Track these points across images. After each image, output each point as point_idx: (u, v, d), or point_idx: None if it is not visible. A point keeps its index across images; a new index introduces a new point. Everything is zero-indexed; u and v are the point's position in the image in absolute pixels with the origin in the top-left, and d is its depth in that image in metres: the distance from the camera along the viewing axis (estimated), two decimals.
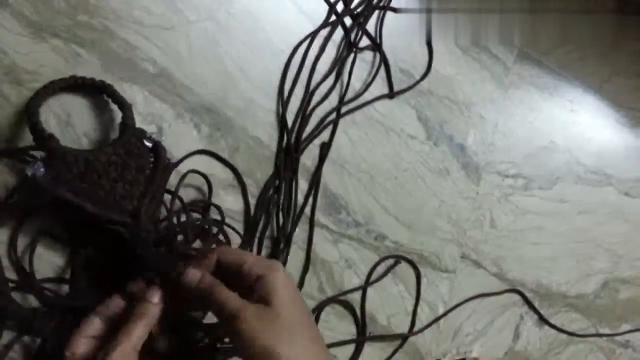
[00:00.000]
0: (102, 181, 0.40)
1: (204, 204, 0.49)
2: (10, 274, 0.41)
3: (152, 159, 0.44)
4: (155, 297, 0.39)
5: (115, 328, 0.37)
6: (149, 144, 0.44)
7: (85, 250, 0.43)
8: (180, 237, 0.46)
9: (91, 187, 0.40)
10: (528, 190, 0.72)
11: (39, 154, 0.40)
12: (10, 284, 0.41)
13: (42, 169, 0.38)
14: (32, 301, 0.42)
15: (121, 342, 0.35)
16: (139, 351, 0.37)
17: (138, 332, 0.36)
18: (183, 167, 0.49)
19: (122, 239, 0.41)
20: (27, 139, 0.42)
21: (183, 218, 0.47)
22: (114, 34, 0.47)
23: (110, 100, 0.45)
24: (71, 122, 0.45)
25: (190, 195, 0.49)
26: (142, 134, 0.44)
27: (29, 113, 0.40)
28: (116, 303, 0.39)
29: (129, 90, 0.46)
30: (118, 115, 0.44)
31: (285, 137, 0.54)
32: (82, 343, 0.37)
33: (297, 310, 0.38)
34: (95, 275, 0.43)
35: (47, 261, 0.43)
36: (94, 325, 0.38)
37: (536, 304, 0.71)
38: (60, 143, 0.40)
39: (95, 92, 0.45)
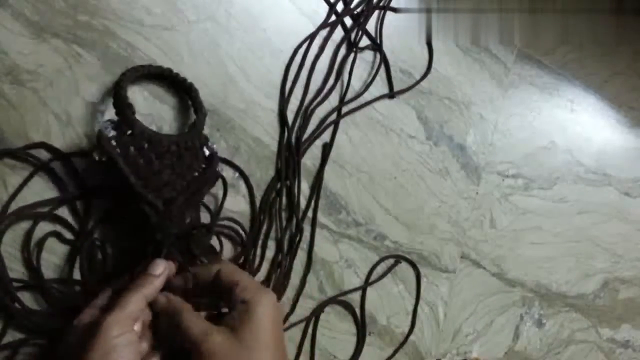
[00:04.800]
0: (155, 162, 0.43)
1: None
2: (19, 274, 0.41)
3: (204, 166, 0.46)
4: (157, 269, 0.40)
5: None
6: (207, 152, 0.47)
7: (88, 242, 0.43)
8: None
9: (144, 163, 0.42)
10: (528, 190, 0.72)
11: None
12: (17, 284, 0.41)
13: (110, 129, 0.41)
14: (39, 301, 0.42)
15: (114, 310, 0.36)
16: (140, 320, 0.38)
17: (133, 300, 0.37)
18: None
19: (147, 222, 0.42)
20: (29, 138, 0.43)
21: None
22: (114, 34, 0.47)
23: (190, 103, 0.48)
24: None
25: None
26: (205, 140, 0.47)
27: (119, 79, 0.44)
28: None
29: (129, 91, 0.46)
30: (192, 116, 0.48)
31: (285, 138, 0.54)
32: (89, 314, 0.38)
33: (265, 340, 0.37)
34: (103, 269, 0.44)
35: (52, 262, 0.43)
36: (105, 297, 0.39)
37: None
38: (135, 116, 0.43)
39: (181, 89, 0.49)
